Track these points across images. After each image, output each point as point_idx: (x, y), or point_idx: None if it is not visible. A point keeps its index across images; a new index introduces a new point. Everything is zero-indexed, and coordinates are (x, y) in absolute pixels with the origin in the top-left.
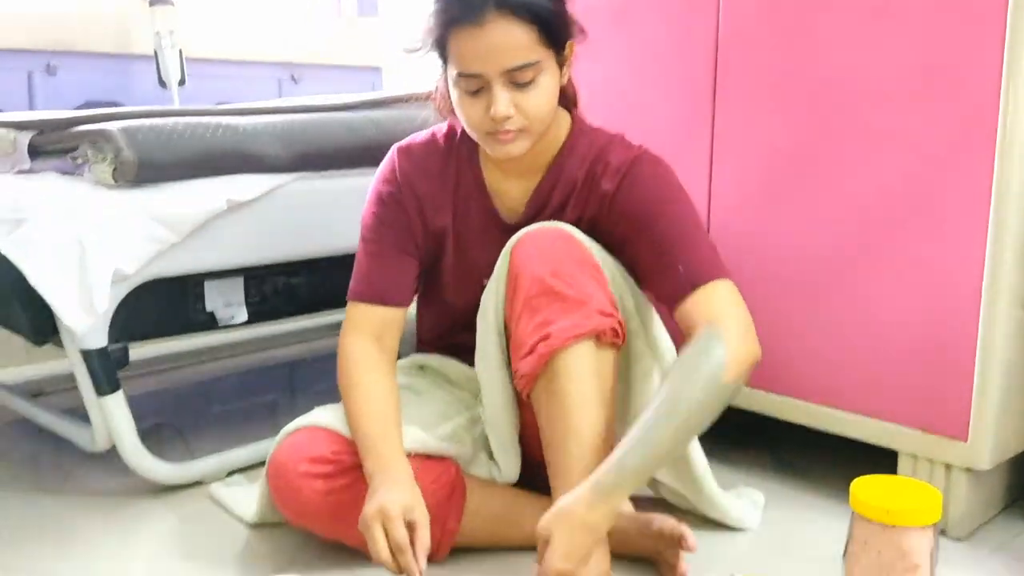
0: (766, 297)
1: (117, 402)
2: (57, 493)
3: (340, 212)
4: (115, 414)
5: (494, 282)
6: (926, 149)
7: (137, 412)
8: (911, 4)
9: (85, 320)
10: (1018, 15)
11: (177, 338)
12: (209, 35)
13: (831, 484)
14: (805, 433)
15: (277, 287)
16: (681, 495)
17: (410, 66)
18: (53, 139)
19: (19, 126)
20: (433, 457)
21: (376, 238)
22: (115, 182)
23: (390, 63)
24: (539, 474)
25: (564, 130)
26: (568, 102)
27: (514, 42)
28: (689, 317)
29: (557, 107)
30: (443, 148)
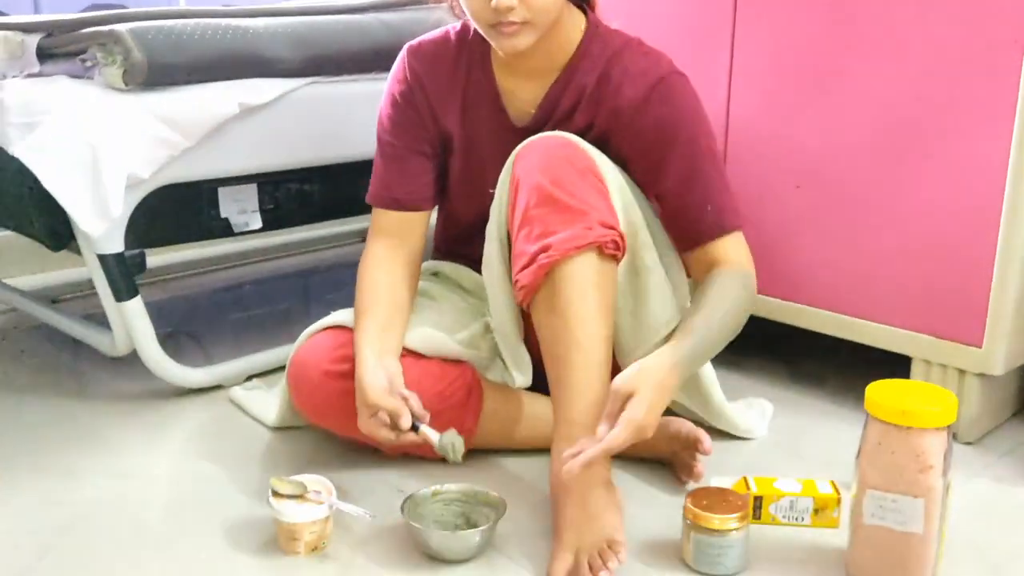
0: (782, 204)
1: (136, 307)
2: (79, 396)
3: (353, 118)
4: (134, 319)
5: (499, 191)
6: (951, 51)
7: (154, 319)
8: None
9: (100, 224)
10: None
11: (192, 246)
12: None
13: (843, 391)
14: (818, 340)
15: (291, 194)
16: (688, 408)
17: None
18: (62, 41)
19: (27, 28)
20: (450, 361)
21: (391, 139)
22: (125, 85)
23: None
24: (542, 381)
25: (578, 32)
26: (584, 2)
27: None
28: (710, 258)
29: (572, 8)
30: (455, 47)
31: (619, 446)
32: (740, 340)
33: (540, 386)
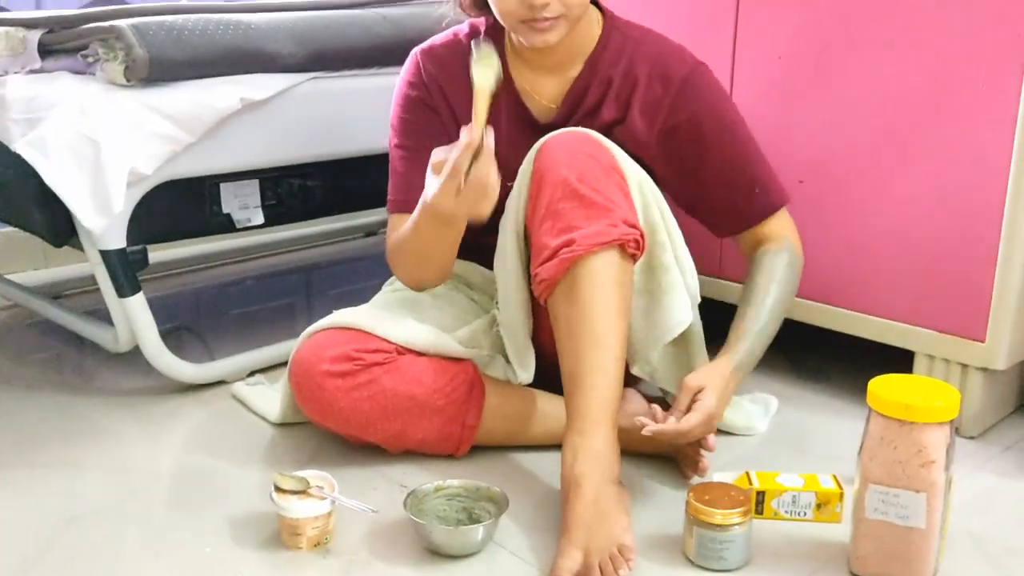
0: None
1: (138, 303)
2: (81, 392)
3: (355, 113)
4: (137, 315)
5: (517, 184)
6: (954, 45)
7: (156, 314)
8: None
9: (102, 220)
10: None
11: (194, 241)
12: None
13: (846, 386)
14: (820, 335)
15: (293, 189)
16: None
17: None
18: (63, 37)
19: (28, 24)
20: (451, 358)
21: (411, 144)
22: (127, 81)
23: None
24: (553, 377)
25: (596, 25)
26: None
27: None
28: (758, 237)
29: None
30: (467, 48)
31: (690, 429)
32: None
33: (541, 383)
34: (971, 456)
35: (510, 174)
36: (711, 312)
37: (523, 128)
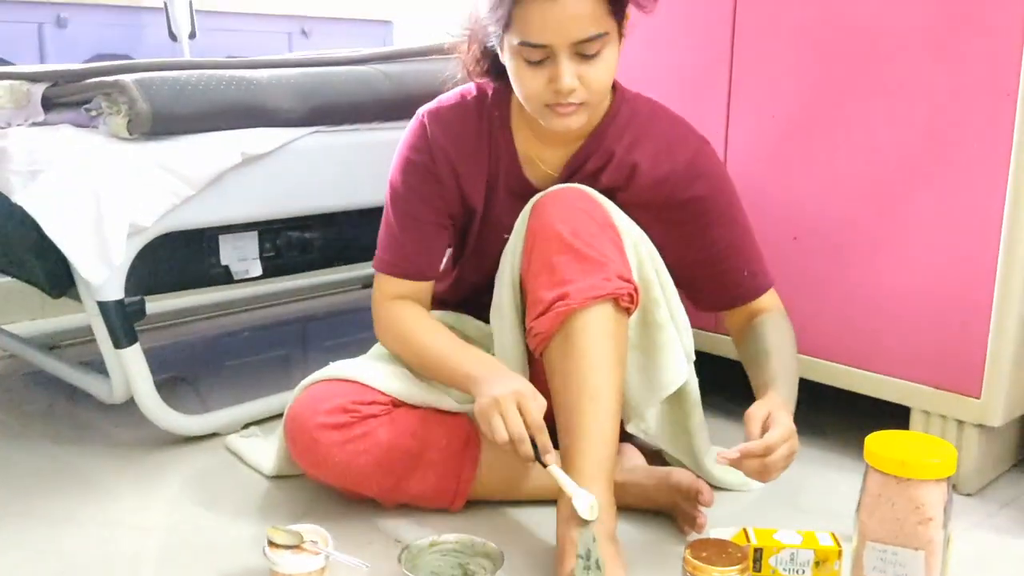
0: (781, 254)
1: (135, 354)
2: (75, 443)
3: (354, 167)
4: (133, 366)
5: (513, 239)
6: (945, 105)
7: (152, 365)
8: None
9: (102, 272)
10: None
11: (192, 292)
12: None
13: (842, 442)
14: (816, 390)
15: (291, 242)
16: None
17: (420, 20)
18: (67, 91)
19: (33, 78)
20: (446, 412)
21: (411, 211)
22: (130, 134)
23: (401, 17)
24: (550, 431)
25: (607, 97)
26: None
27: (587, 13)
28: (748, 311)
29: None
30: (474, 112)
31: (775, 442)
32: (736, 389)
33: None
34: (969, 513)
35: (507, 229)
36: (706, 367)
37: (523, 195)
